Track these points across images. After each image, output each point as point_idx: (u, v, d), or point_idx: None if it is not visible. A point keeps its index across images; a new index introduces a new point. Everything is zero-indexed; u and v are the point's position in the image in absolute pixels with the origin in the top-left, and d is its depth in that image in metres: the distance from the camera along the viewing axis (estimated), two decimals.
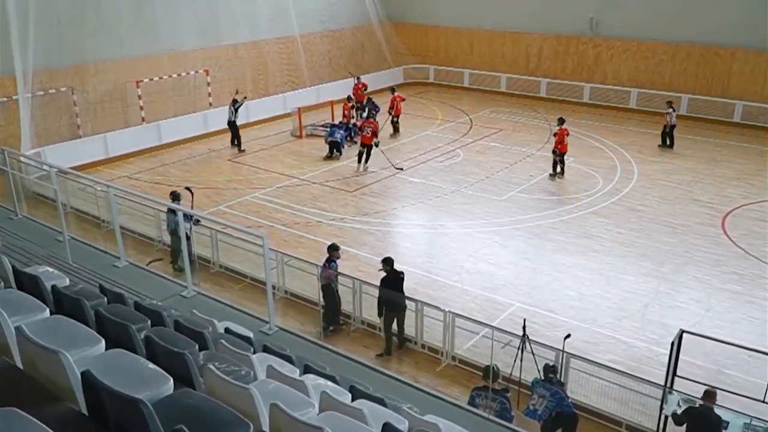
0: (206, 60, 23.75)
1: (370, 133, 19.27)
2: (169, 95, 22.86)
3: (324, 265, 11.37)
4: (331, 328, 11.51)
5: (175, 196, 13.03)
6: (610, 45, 25.93)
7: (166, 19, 22.17)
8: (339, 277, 11.51)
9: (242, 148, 21.51)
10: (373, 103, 22.73)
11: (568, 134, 18.82)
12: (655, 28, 24.58)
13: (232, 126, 21.35)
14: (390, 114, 22.85)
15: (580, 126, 23.86)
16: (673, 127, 21.19)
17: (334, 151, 20.81)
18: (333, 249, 11.51)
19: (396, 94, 23.28)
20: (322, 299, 11.48)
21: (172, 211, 12.38)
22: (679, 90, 24.52)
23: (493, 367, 8.54)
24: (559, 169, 18.75)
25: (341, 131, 21.21)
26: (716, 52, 23.61)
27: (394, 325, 11.05)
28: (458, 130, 23.63)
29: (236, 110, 21.11)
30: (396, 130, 22.97)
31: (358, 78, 25.49)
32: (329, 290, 11.40)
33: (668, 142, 21.26)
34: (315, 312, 11.73)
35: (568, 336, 9.24)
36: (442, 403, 8.23)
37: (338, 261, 11.51)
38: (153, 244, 14.54)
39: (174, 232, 12.87)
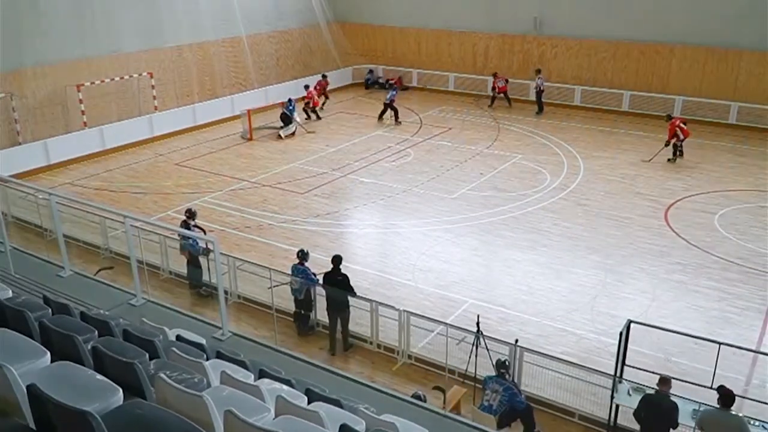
0: (150, 62, 23.28)
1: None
2: (112, 99, 22.34)
3: (300, 269, 11.28)
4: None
5: (190, 215, 12.67)
6: (553, 43, 26.46)
7: (106, 20, 21.65)
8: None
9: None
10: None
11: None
12: (597, 27, 25.21)
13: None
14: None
15: (526, 123, 24.29)
16: (541, 92, 25.06)
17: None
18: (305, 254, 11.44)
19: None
20: (300, 308, 11.50)
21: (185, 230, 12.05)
22: (620, 87, 25.22)
23: (505, 361, 8.90)
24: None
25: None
26: (655, 50, 24.35)
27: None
28: (408, 129, 23.76)
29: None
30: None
31: (324, 76, 26.98)
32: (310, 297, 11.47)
33: (537, 108, 25.20)
34: (269, 316, 11.62)
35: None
36: (399, 402, 8.24)
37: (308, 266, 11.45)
38: (99, 252, 14.18)
39: (193, 260, 12.62)
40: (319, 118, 25.10)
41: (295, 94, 25.44)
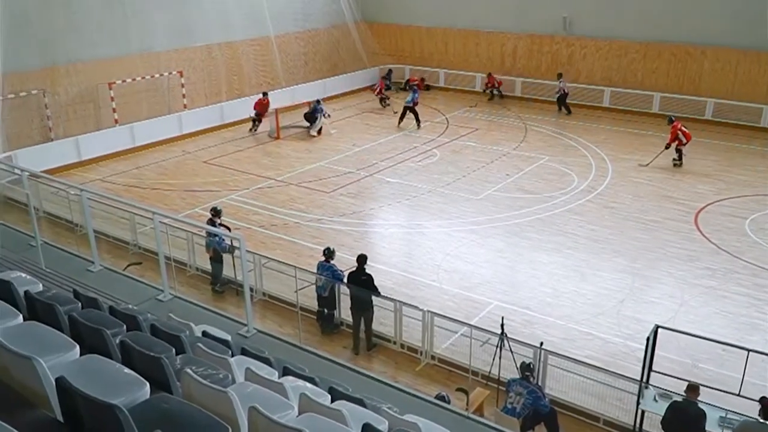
0: (180, 61, 23.55)
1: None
2: (143, 97, 22.63)
3: (327, 266, 11.34)
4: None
5: (215, 213, 12.84)
6: (583, 44, 26.19)
7: (138, 19, 21.95)
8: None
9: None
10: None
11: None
12: (627, 28, 24.88)
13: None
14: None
15: (553, 124, 24.10)
16: (566, 95, 25.38)
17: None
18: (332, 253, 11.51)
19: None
20: (323, 306, 11.54)
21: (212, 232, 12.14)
22: (650, 88, 24.86)
23: (530, 364, 8.84)
24: None
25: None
26: (687, 51, 23.97)
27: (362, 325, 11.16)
28: (434, 129, 23.71)
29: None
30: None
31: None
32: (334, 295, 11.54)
33: (565, 110, 25.49)
34: (293, 314, 11.68)
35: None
36: (422, 402, 8.25)
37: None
38: (128, 248, 14.38)
39: (216, 256, 12.68)
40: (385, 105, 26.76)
41: (322, 94, 25.58)
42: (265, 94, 23.58)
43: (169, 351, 4.91)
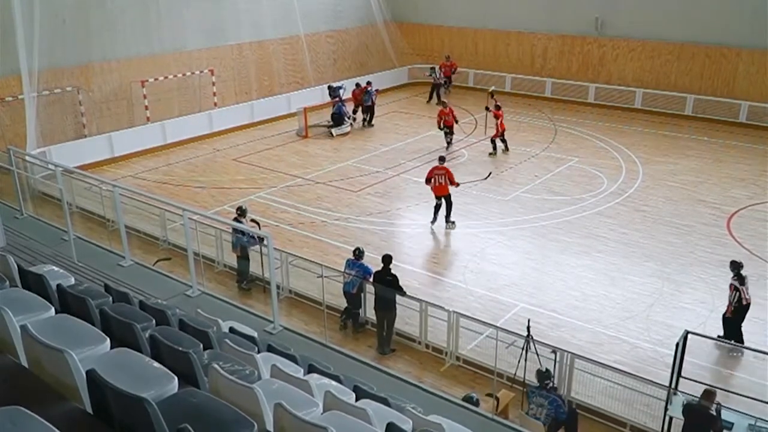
0: (211, 60, 23.79)
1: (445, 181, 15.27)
2: (174, 95, 22.91)
3: (357, 264, 11.35)
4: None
5: (241, 212, 12.88)
6: (615, 45, 25.88)
7: (171, 18, 22.23)
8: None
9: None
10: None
11: None
12: (660, 29, 24.53)
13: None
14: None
15: (584, 126, 23.84)
16: (438, 86, 27.32)
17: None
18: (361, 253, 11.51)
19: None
20: (350, 306, 11.55)
21: (239, 230, 12.19)
22: (684, 90, 24.47)
23: (546, 370, 8.75)
24: None
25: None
26: (721, 53, 23.55)
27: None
28: (463, 130, 23.60)
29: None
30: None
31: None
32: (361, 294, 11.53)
33: (436, 98, 26.93)
34: (319, 312, 11.73)
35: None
36: (446, 403, 8.24)
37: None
38: (158, 244, 14.57)
39: (243, 254, 12.75)
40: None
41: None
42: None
43: (197, 346, 4.97)
